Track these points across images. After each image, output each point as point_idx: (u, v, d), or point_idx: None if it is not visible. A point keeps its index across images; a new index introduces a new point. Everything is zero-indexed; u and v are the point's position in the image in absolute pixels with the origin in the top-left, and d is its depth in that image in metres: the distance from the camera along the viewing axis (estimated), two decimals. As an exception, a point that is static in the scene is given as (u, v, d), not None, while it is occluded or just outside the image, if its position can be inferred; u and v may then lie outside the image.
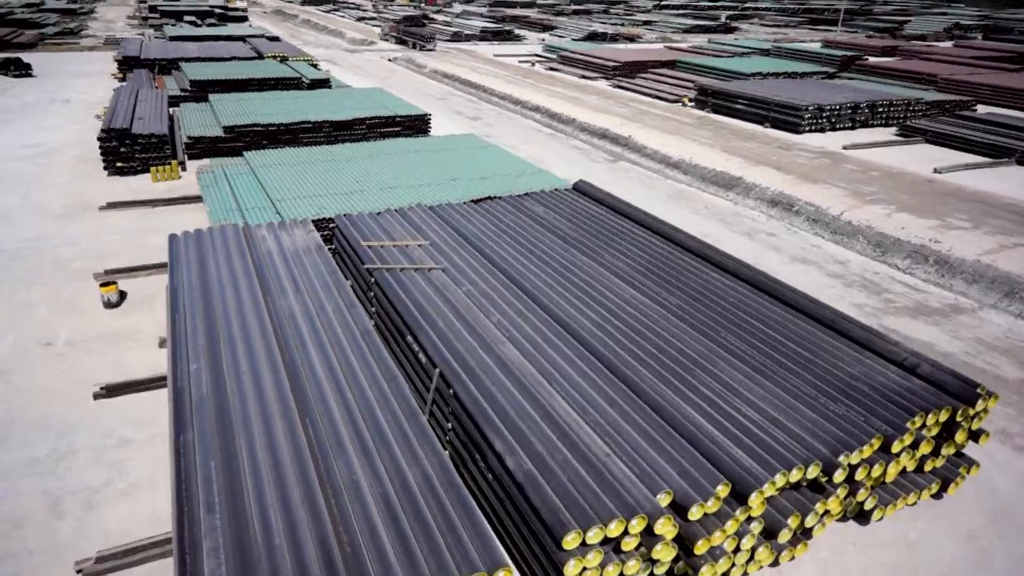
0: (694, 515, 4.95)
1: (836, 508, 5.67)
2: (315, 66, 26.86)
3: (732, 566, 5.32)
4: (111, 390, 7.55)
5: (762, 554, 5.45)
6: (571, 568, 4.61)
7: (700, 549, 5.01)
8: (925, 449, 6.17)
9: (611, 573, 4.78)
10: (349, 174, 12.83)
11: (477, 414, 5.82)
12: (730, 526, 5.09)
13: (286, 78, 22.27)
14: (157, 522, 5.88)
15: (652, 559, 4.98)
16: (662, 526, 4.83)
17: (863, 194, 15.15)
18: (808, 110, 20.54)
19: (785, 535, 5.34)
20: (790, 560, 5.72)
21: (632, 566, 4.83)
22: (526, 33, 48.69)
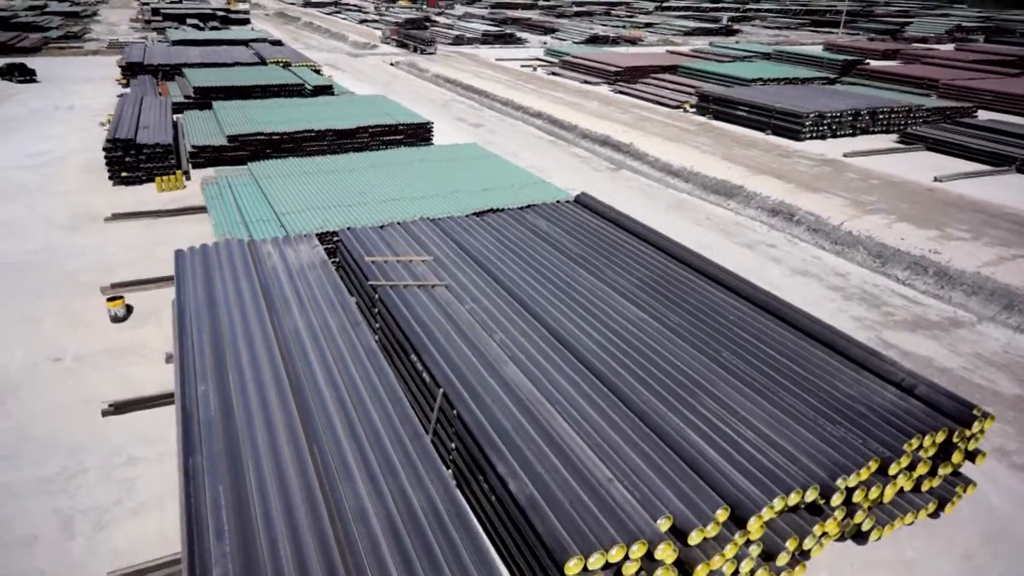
0: (694, 540, 5.05)
1: (834, 530, 5.76)
2: (318, 71, 26.96)
3: (731, 588, 5.41)
4: (119, 407, 7.66)
5: (761, 576, 5.55)
6: (573, 593, 4.70)
7: (699, 574, 5.11)
8: (922, 470, 6.27)
9: (612, 597, 4.87)
10: (352, 185, 12.93)
11: (480, 436, 5.92)
12: (729, 550, 5.18)
13: (289, 84, 22.39)
14: (165, 542, 5.98)
15: (652, 583, 5.07)
16: (662, 551, 4.93)
17: (863, 203, 15.24)
18: (809, 117, 20.61)
19: (783, 558, 5.43)
20: (788, 581, 5.81)
21: (633, 590, 4.93)
22: (528, 36, 48.77)
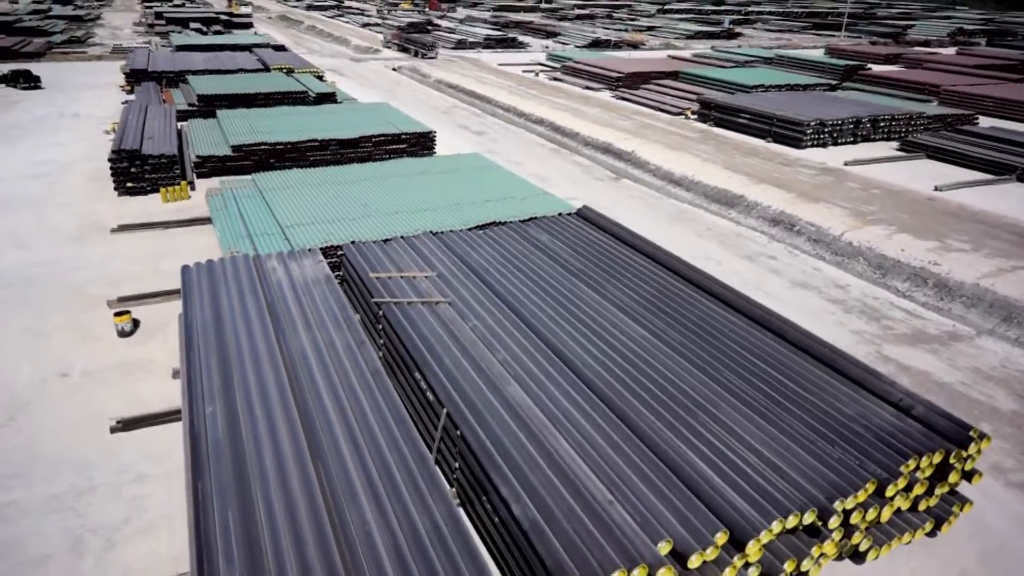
0: (693, 563, 5.14)
1: (832, 551, 5.85)
2: (320, 78, 27.10)
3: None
4: (127, 424, 7.77)
5: (759, 597, 5.63)
6: (575, 617, 4.80)
7: (699, 596, 5.20)
8: (919, 491, 6.35)
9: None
10: (356, 197, 13.03)
11: (484, 458, 6.02)
12: (728, 573, 5.28)
13: (292, 92, 22.51)
14: (175, 562, 6.09)
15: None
16: (662, 575, 5.02)
17: (864, 214, 15.32)
18: (810, 125, 20.70)
19: (781, 579, 5.52)
20: (787, 601, 5.89)
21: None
22: (530, 40, 48.88)
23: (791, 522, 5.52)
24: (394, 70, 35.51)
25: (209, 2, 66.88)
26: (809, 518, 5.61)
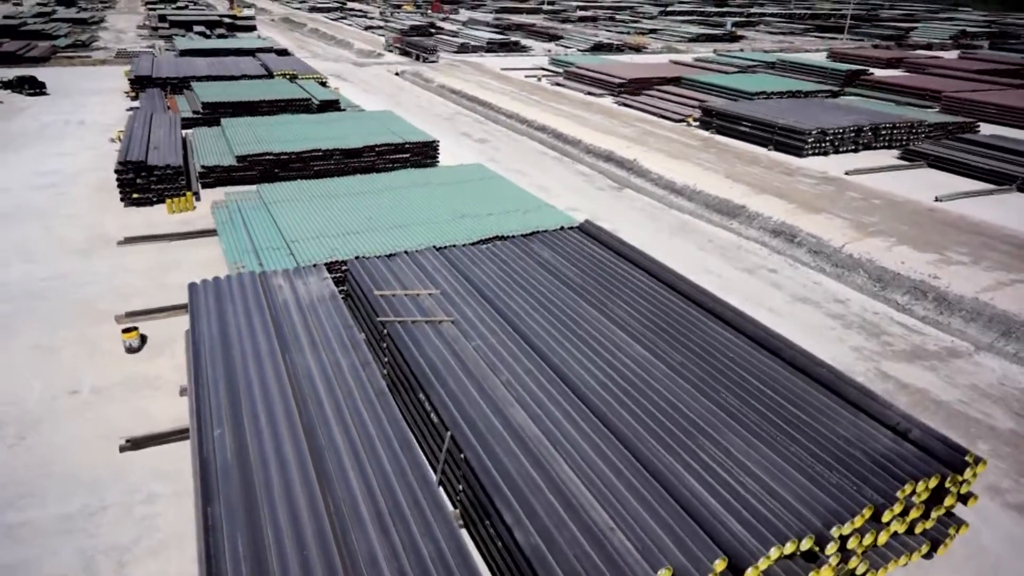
0: (692, 590, 5.25)
1: (829, 575, 5.96)
2: (324, 84, 27.23)
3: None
4: (136, 443, 7.90)
5: (757, 621, 5.74)
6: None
7: (698, 622, 5.31)
8: (915, 514, 6.46)
9: (614, 647, 5.08)
10: (360, 210, 13.15)
11: (487, 483, 6.14)
12: (726, 599, 5.39)
13: (296, 99, 22.64)
14: (185, 583, 6.22)
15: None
16: (662, 603, 5.13)
17: (864, 225, 15.41)
18: (811, 134, 20.78)
19: (779, 605, 5.63)
20: (784, 624, 6.00)
21: (634, 639, 5.14)
22: (532, 43, 48.98)
23: (788, 548, 5.63)
24: (397, 75, 35.63)
25: (212, 4, 67.07)
26: (807, 544, 5.72)
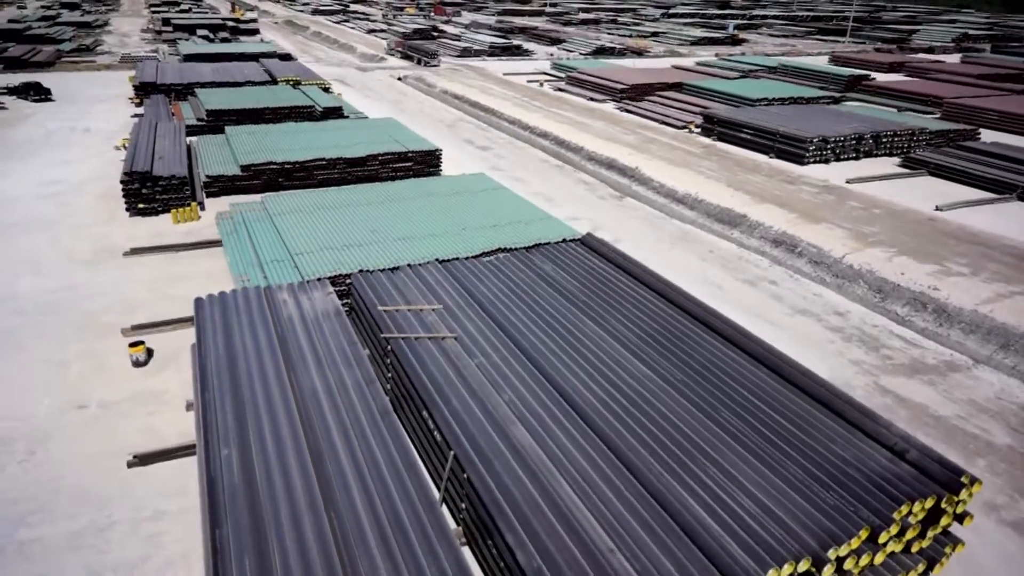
0: (691, 613, 5.35)
1: (825, 596, 6.06)
2: (327, 90, 27.37)
3: (727, 654, 5.71)
4: (143, 459, 8.02)
5: (755, 641, 5.84)
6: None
7: (696, 645, 5.42)
8: (911, 534, 6.55)
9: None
10: (364, 222, 13.26)
11: (490, 504, 6.25)
12: (725, 621, 5.49)
13: (299, 107, 22.77)
14: (192, 601, 6.34)
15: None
16: (661, 626, 5.23)
17: (865, 235, 15.49)
18: (813, 142, 20.86)
19: (776, 626, 5.73)
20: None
21: (633, 662, 5.24)
22: (534, 47, 49.08)
23: (786, 571, 5.73)
24: (399, 79, 35.76)
25: (215, 7, 67.30)
26: (804, 566, 5.81)
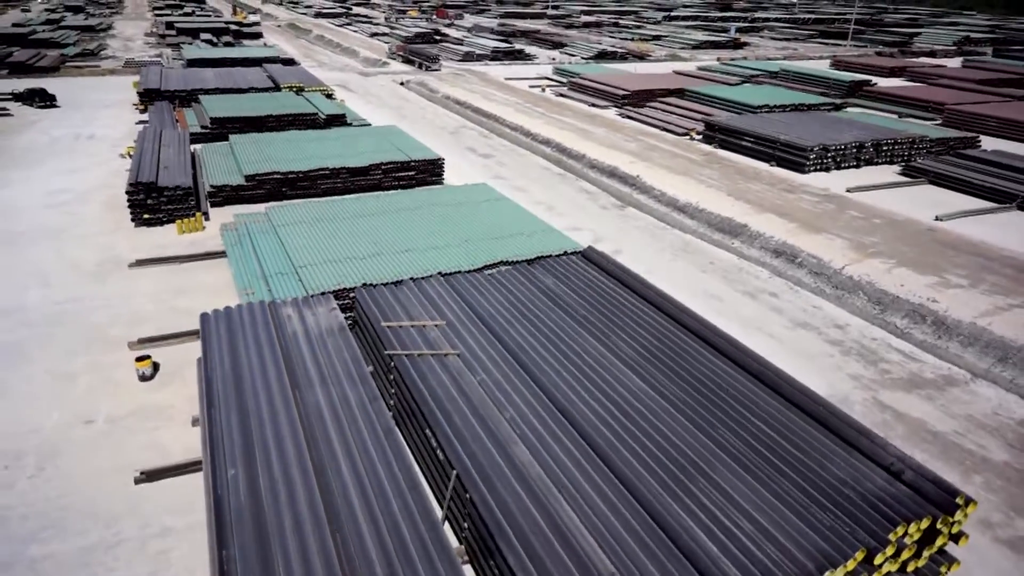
0: (689, 635, 5.46)
1: (822, 616, 6.16)
2: (330, 96, 27.51)
3: (724, 675, 5.82)
4: (150, 475, 8.14)
5: (752, 662, 5.95)
6: None
7: (694, 666, 5.52)
8: (907, 555, 6.65)
9: None
10: (367, 234, 13.37)
11: (492, 525, 6.36)
12: (722, 643, 5.59)
13: (303, 114, 22.90)
14: (200, 619, 6.45)
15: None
16: (660, 648, 5.34)
17: (865, 246, 15.57)
18: (813, 150, 20.94)
19: (773, 647, 5.84)
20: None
21: None
22: (536, 51, 49.19)
23: (782, 593, 5.84)
24: (402, 84, 35.88)
25: (219, 10, 67.49)
26: (800, 588, 5.92)
